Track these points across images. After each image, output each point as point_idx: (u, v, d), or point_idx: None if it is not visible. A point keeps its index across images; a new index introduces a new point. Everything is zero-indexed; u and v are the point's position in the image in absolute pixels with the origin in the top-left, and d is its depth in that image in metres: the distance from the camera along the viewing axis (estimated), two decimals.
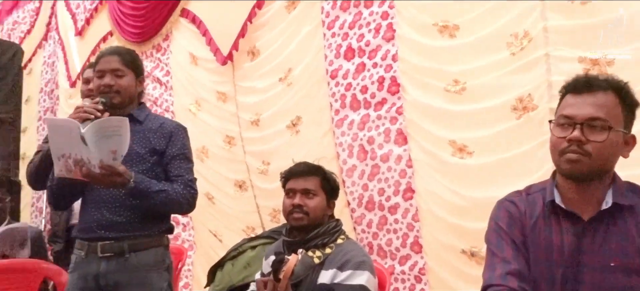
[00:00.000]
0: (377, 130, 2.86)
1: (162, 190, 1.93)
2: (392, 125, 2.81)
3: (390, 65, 2.79)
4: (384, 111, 2.83)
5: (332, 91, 3.03)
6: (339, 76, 2.99)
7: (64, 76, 4.80)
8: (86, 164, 1.76)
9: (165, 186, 1.96)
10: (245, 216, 3.49)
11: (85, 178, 1.80)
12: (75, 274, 1.99)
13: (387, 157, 2.83)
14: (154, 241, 2.01)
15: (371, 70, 2.87)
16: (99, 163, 1.76)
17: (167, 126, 2.07)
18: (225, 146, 3.56)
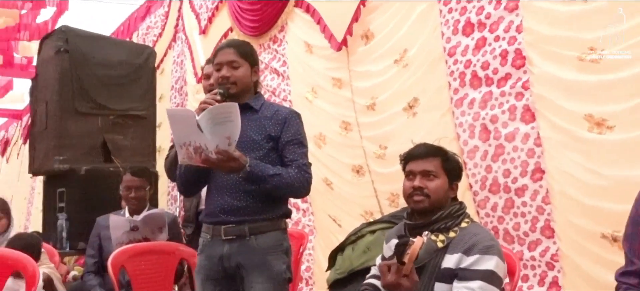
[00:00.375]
0: (500, 108, 2.69)
1: (276, 174, 1.98)
2: (517, 101, 2.62)
3: (514, 37, 2.60)
4: (508, 86, 2.65)
5: (450, 70, 2.90)
6: (457, 53, 2.85)
7: (191, 73, 5.14)
8: (204, 150, 1.84)
9: (280, 170, 2.00)
10: (363, 201, 3.48)
11: (204, 163, 1.89)
12: (202, 255, 2.11)
13: (512, 136, 2.66)
14: (273, 225, 2.07)
15: (493, 44, 2.70)
16: (215, 149, 1.83)
17: (282, 112, 2.11)
18: (341, 131, 3.57)
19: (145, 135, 4.56)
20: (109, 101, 4.36)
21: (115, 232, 2.93)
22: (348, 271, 2.76)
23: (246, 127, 2.05)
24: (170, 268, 2.77)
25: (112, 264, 2.55)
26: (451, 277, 1.80)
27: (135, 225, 2.93)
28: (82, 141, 4.19)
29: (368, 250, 2.76)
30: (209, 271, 2.08)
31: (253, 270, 2.02)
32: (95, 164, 4.16)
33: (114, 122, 4.39)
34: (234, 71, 2.06)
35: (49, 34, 4.61)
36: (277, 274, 2.03)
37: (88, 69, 4.28)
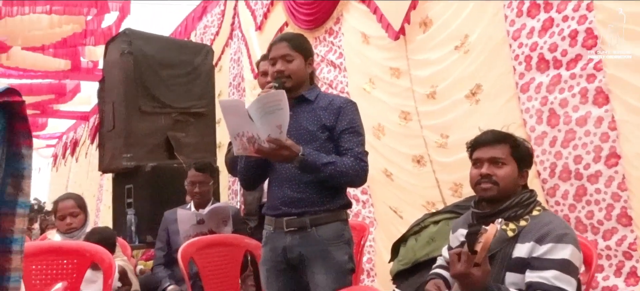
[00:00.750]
0: (570, 91, 2.57)
1: (330, 162, 1.98)
2: (589, 84, 2.50)
3: (585, 16, 2.48)
4: (579, 68, 2.53)
5: (514, 54, 2.80)
6: (522, 36, 2.75)
7: (248, 69, 5.22)
8: (257, 140, 1.86)
9: (334, 158, 2.00)
10: (424, 191, 3.42)
11: (258, 153, 1.91)
12: (266, 247, 2.15)
13: (584, 120, 2.54)
14: (334, 215, 2.07)
15: (561, 24, 2.58)
16: (267, 138, 1.85)
17: (336, 102, 2.11)
18: (401, 121, 3.53)
19: (205, 131, 4.69)
20: (170, 99, 4.50)
21: (183, 225, 3.02)
22: (412, 262, 2.74)
23: (302, 118, 2.07)
24: (236, 259, 2.84)
25: (182, 256, 2.63)
26: (523, 267, 1.75)
27: (201, 218, 3.01)
28: (147, 139, 4.35)
29: (432, 240, 2.72)
30: (273, 262, 2.11)
31: (315, 261, 2.03)
32: (160, 161, 4.31)
33: (176, 120, 4.53)
34: (288, 64, 2.07)
35: (113, 38, 4.80)
36: (339, 264, 2.04)
37: (151, 70, 4.44)
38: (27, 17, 5.28)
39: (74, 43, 6.18)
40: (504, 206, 1.83)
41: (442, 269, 2.09)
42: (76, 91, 8.53)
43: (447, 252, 2.11)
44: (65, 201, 3.05)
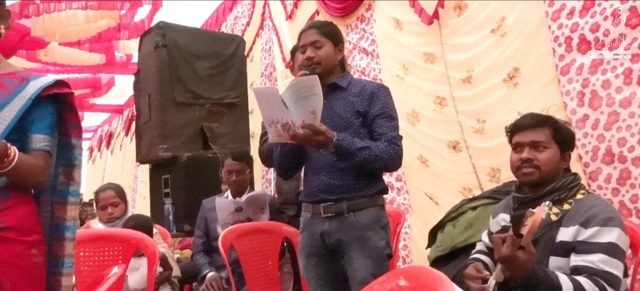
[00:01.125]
0: (613, 72, 2.51)
1: (364, 147, 1.99)
2: (633, 64, 2.43)
3: None
4: (622, 49, 2.46)
5: (554, 35, 2.74)
6: (562, 16, 2.69)
7: (279, 58, 5.25)
8: (291, 126, 1.87)
9: (368, 143, 2.01)
10: (461, 177, 3.40)
11: (293, 140, 1.92)
12: (304, 233, 2.18)
13: (628, 102, 2.47)
14: (371, 201, 2.08)
15: (603, 3, 2.52)
16: (301, 123, 1.86)
17: (369, 87, 2.12)
18: (436, 107, 3.50)
19: (239, 121, 4.74)
20: (204, 90, 4.56)
21: (221, 213, 3.08)
22: (450, 247, 2.73)
23: (335, 105, 2.08)
24: (275, 246, 2.88)
25: (222, 243, 2.68)
26: (567, 251, 1.73)
27: (239, 206, 3.07)
28: (182, 130, 4.43)
29: (470, 226, 2.71)
30: (312, 248, 2.14)
31: (353, 246, 2.05)
32: (195, 151, 4.38)
33: (210, 110, 4.59)
34: (318, 51, 2.08)
35: (147, 31, 4.88)
36: (377, 249, 2.05)
37: (184, 61, 4.50)
38: (63, 13, 5.42)
39: (108, 37, 6.31)
40: (547, 190, 1.81)
41: (482, 254, 2.08)
42: (110, 84, 8.72)
43: (486, 237, 2.10)
44: (106, 191, 3.15)
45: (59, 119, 1.66)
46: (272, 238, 2.87)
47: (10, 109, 1.55)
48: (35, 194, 1.67)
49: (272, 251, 2.88)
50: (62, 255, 1.65)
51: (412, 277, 0.85)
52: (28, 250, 1.55)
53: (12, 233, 1.52)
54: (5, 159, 1.46)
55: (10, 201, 1.54)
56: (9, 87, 1.58)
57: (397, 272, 0.89)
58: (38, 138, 1.57)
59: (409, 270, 0.89)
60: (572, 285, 1.61)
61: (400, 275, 0.85)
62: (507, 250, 1.59)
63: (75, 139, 1.69)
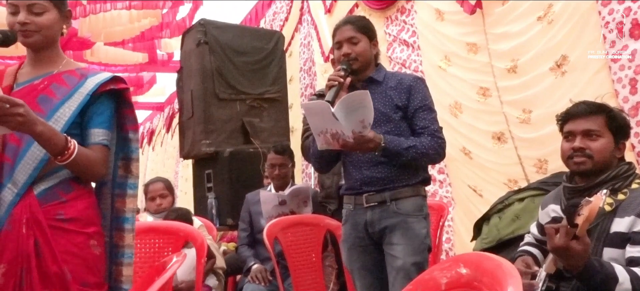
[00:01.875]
0: None
1: (411, 146, 2.02)
2: None
3: None
4: None
5: (604, 21, 2.66)
6: (612, 1, 2.61)
7: (318, 53, 5.27)
8: (341, 136, 1.92)
9: (414, 141, 2.03)
10: (506, 169, 3.34)
11: (343, 148, 1.98)
12: (347, 224, 2.20)
13: None
14: (413, 190, 2.11)
15: None
16: (351, 134, 1.91)
17: (405, 80, 2.13)
18: (479, 98, 3.45)
19: (279, 116, 4.79)
20: (245, 86, 4.63)
21: (266, 206, 3.13)
22: (496, 240, 2.70)
23: (373, 100, 2.08)
24: (318, 238, 2.92)
25: (267, 235, 2.73)
26: (623, 242, 1.69)
27: (283, 199, 3.11)
28: (224, 126, 4.50)
29: (517, 218, 2.67)
30: (355, 239, 2.16)
31: (394, 231, 2.07)
32: (237, 146, 4.45)
33: (251, 105, 4.66)
34: (354, 47, 2.10)
35: (189, 29, 4.99)
36: (418, 237, 2.07)
37: (225, 58, 4.58)
38: (108, 13, 5.60)
39: (151, 36, 6.48)
40: (600, 179, 1.77)
41: (531, 246, 2.05)
42: (152, 82, 8.94)
43: (535, 229, 2.07)
44: (156, 183, 3.26)
45: (117, 114, 1.73)
46: (315, 230, 2.91)
47: (70, 104, 1.63)
48: (96, 187, 1.75)
49: (316, 243, 2.91)
50: (122, 246, 1.72)
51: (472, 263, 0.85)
52: (87, 241, 1.62)
53: (73, 225, 1.60)
54: (65, 151, 1.53)
55: (72, 193, 1.62)
56: (69, 84, 1.65)
57: (457, 259, 0.90)
58: (96, 132, 1.64)
59: (468, 256, 0.90)
60: (629, 276, 1.57)
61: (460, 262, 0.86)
62: (561, 240, 1.56)
63: (132, 133, 1.76)
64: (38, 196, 1.57)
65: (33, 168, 1.57)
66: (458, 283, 0.82)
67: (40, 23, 1.61)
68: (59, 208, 1.58)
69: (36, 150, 1.56)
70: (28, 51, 1.69)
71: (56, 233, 1.56)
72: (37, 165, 1.57)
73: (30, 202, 1.55)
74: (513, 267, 0.79)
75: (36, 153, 1.57)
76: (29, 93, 1.59)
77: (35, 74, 1.67)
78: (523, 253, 2.02)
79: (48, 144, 1.51)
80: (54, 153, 1.53)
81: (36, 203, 1.56)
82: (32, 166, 1.56)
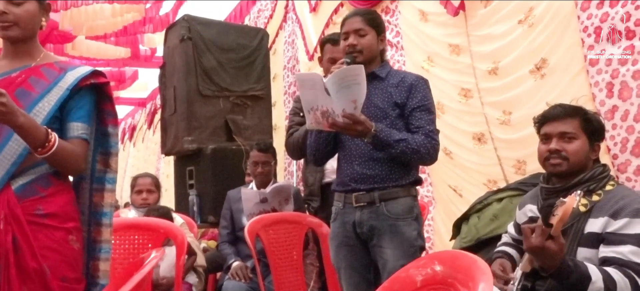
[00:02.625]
0: None
1: (402, 139, 1.99)
2: None
3: None
4: None
5: (583, 25, 2.72)
6: (591, 7, 2.66)
7: (303, 51, 5.28)
8: (331, 114, 1.88)
9: (406, 135, 2.01)
10: (486, 169, 3.40)
11: (331, 127, 1.94)
12: (336, 223, 2.20)
13: None
14: (403, 191, 2.09)
15: None
16: (341, 112, 1.87)
17: (408, 79, 2.12)
18: (461, 99, 3.50)
19: (262, 114, 4.78)
20: (228, 83, 4.61)
21: (247, 204, 3.13)
22: (475, 239, 2.73)
23: (372, 95, 2.09)
24: (299, 236, 2.93)
25: (248, 233, 2.73)
26: (596, 242, 1.73)
27: (264, 197, 3.12)
28: (208, 122, 4.49)
29: (495, 218, 2.71)
30: (343, 237, 2.16)
31: (384, 235, 2.06)
32: (220, 143, 4.44)
33: (234, 103, 4.65)
34: (361, 39, 2.08)
35: (173, 24, 4.95)
36: (408, 241, 2.06)
37: (209, 54, 4.57)
38: (91, 7, 5.54)
39: (133, 31, 6.42)
40: (575, 181, 1.81)
41: (508, 246, 2.09)
42: (134, 77, 8.86)
43: (512, 229, 2.11)
44: (145, 177, 3.27)
45: (96, 109, 1.72)
46: (297, 228, 2.92)
47: (49, 98, 1.62)
48: (74, 182, 1.74)
49: (297, 241, 2.92)
50: (100, 241, 1.72)
51: (447, 261, 0.87)
52: (66, 236, 1.62)
53: (52, 220, 1.59)
54: (46, 144, 1.52)
55: (51, 189, 1.61)
56: (49, 78, 1.64)
57: (432, 256, 0.92)
58: (75, 126, 1.63)
59: (443, 254, 0.92)
60: (602, 275, 1.61)
61: (435, 259, 0.88)
62: (537, 240, 1.60)
63: (112, 127, 1.75)
64: (16, 192, 1.56)
65: (11, 162, 1.55)
66: (433, 280, 0.84)
67: (19, 14, 1.60)
68: (38, 203, 1.58)
69: (14, 144, 1.55)
70: (4, 42, 1.67)
71: (35, 228, 1.55)
72: (15, 160, 1.55)
73: (8, 197, 1.54)
74: (486, 265, 0.82)
75: (14, 148, 1.55)
76: (7, 87, 1.57)
77: (12, 66, 1.65)
78: (500, 254, 2.06)
79: (29, 137, 1.50)
80: (34, 146, 1.52)
81: (14, 198, 1.55)
82: (10, 161, 1.55)
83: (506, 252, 2.06)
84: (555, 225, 1.57)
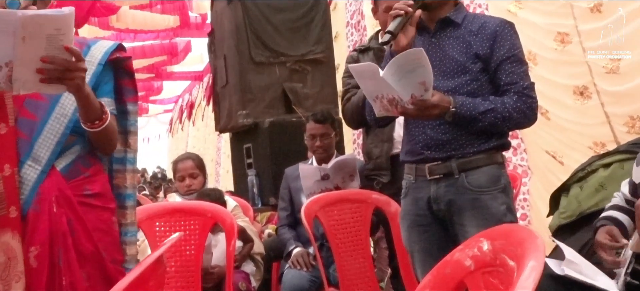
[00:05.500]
0: None
1: (489, 110, 1.89)
2: None
3: None
4: None
5: None
6: None
7: (367, 4, 5.17)
8: (399, 102, 1.82)
9: (493, 103, 1.90)
10: (591, 130, 3.23)
11: (403, 115, 1.89)
12: (407, 199, 2.12)
13: None
14: (487, 158, 1.97)
15: None
16: (410, 99, 1.80)
17: (490, 24, 1.98)
18: (557, 46, 3.33)
19: (324, 80, 4.76)
20: (285, 47, 4.62)
21: (306, 182, 3.13)
22: (577, 214, 2.61)
23: (447, 46, 1.98)
24: (365, 217, 2.88)
25: (305, 215, 2.73)
26: None
27: (325, 173, 3.10)
28: (263, 93, 4.53)
29: (602, 187, 2.57)
30: (416, 217, 2.08)
31: (465, 212, 1.96)
32: (278, 115, 4.47)
33: (292, 69, 4.65)
34: None
35: None
36: (495, 217, 1.94)
37: (261, 16, 4.58)
38: None
39: None
40: None
41: (618, 211, 1.91)
42: (187, 49, 9.13)
43: (626, 187, 1.94)
44: (185, 161, 3.32)
45: (116, 85, 1.76)
46: (361, 208, 2.87)
47: None
48: None
49: (362, 223, 2.88)
50: (125, 224, 1.79)
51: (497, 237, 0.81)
52: (112, 217, 1.72)
53: (98, 200, 1.69)
54: (103, 116, 1.58)
55: (91, 169, 1.70)
56: None
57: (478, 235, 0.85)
58: (106, 102, 1.68)
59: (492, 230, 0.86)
60: None
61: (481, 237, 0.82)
62: None
63: (131, 105, 1.80)
64: (62, 173, 1.63)
65: (55, 142, 1.63)
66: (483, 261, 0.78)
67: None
68: (84, 183, 1.66)
69: (56, 123, 1.62)
70: None
71: (86, 209, 1.64)
72: (59, 139, 1.63)
73: (57, 179, 1.62)
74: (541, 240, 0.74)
75: (56, 127, 1.63)
76: None
77: None
78: (607, 220, 1.90)
79: (91, 107, 1.57)
80: (91, 118, 1.58)
81: (63, 179, 1.62)
82: (54, 140, 1.63)
83: (615, 219, 1.90)
84: None
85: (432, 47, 2.00)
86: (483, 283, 0.84)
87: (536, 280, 0.63)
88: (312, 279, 3.01)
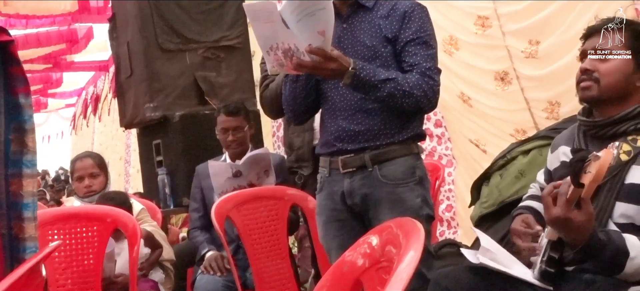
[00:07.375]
0: None
1: (390, 79, 1.93)
2: None
3: None
4: None
5: None
6: None
7: None
8: (294, 52, 1.80)
9: (395, 74, 1.95)
10: (512, 116, 3.37)
11: (297, 69, 1.85)
12: (322, 194, 2.16)
13: None
14: (401, 149, 2.04)
15: None
16: (307, 48, 1.78)
17: (400, 7, 2.03)
18: (477, 30, 3.44)
19: (240, 68, 4.70)
20: (196, 32, 4.53)
21: (217, 180, 3.10)
22: (498, 203, 2.73)
23: (358, 31, 2.03)
24: (281, 215, 2.90)
25: (216, 215, 2.72)
26: (639, 195, 1.67)
27: (237, 170, 3.08)
28: (173, 84, 4.42)
29: (521, 175, 2.69)
30: (332, 212, 2.12)
31: (380, 206, 2.02)
32: (190, 108, 4.39)
33: (204, 56, 4.57)
34: None
35: None
36: (411, 210, 2.00)
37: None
38: None
39: None
40: (621, 115, 1.71)
41: (534, 201, 2.01)
42: (89, 36, 8.81)
43: (542, 177, 2.03)
44: (84, 159, 3.21)
45: (3, 73, 1.68)
46: (276, 205, 2.89)
47: None
48: None
49: (279, 221, 2.90)
50: (23, 238, 1.70)
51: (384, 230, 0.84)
52: None
53: None
54: None
55: None
56: None
57: (370, 232, 0.89)
58: None
59: (382, 226, 0.89)
60: None
61: (371, 234, 0.85)
62: (559, 211, 1.50)
63: (24, 97, 1.71)
64: None
65: None
66: (373, 258, 0.81)
67: None
68: None
69: None
70: None
71: None
72: None
73: None
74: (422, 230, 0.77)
75: None
76: None
77: None
78: (524, 210, 1.99)
79: None
80: None
81: None
82: None
83: (531, 208, 1.98)
84: (587, 186, 1.46)
85: (343, 32, 2.04)
86: (377, 279, 0.87)
87: (411, 271, 0.65)
88: (226, 284, 2.99)
